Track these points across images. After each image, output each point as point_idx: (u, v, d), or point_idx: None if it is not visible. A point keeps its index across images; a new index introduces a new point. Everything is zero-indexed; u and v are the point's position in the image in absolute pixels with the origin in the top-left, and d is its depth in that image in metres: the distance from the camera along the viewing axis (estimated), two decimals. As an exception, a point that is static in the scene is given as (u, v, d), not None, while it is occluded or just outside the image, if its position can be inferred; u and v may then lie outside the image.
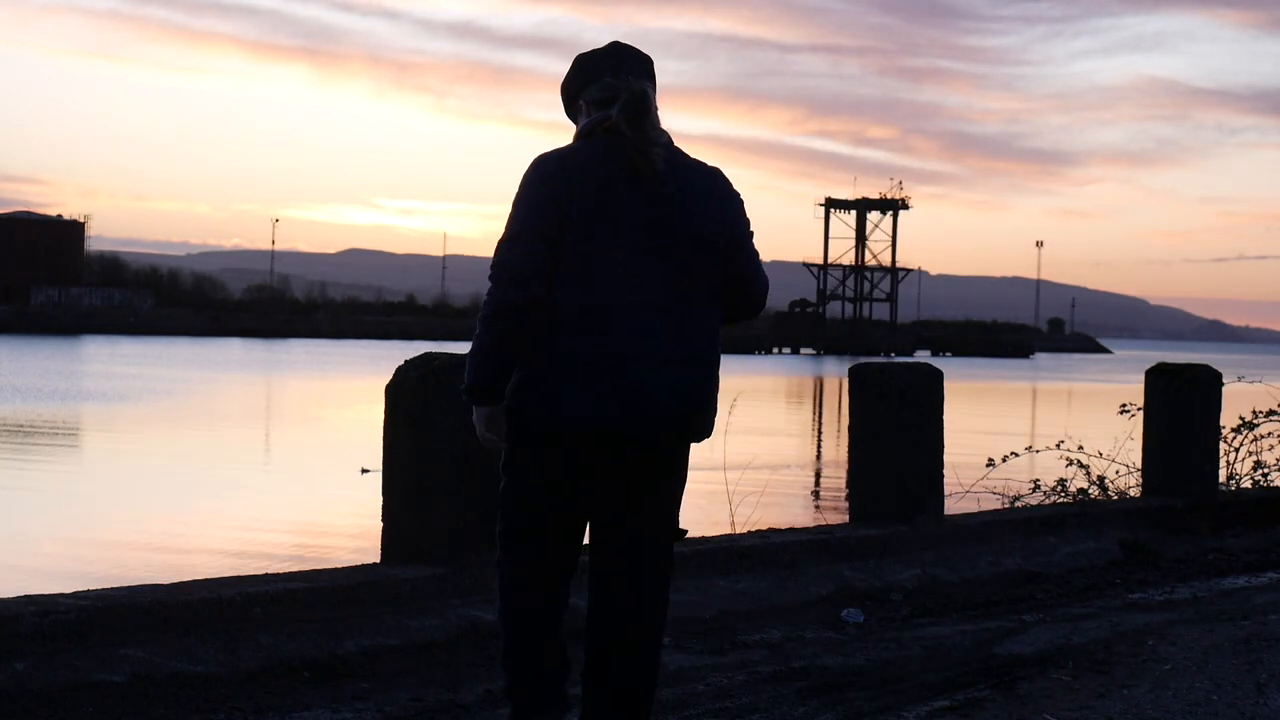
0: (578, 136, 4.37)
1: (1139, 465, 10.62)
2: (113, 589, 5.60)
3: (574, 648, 4.57)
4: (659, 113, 4.34)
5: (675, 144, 4.38)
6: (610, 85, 4.32)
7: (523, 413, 4.26)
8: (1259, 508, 10.56)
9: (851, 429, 8.40)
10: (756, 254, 4.51)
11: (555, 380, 4.21)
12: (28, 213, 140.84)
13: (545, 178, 4.24)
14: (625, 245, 4.22)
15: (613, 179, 4.23)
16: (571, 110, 4.48)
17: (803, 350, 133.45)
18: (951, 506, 8.80)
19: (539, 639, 4.41)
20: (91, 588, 5.62)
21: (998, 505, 10.18)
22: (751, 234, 4.50)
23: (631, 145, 4.23)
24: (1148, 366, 10.56)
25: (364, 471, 21.21)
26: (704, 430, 4.40)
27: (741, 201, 4.47)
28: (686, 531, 4.56)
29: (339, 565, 6.47)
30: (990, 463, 10.62)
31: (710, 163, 4.43)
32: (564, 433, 4.24)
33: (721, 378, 4.46)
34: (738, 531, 8.39)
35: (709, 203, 4.35)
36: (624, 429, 4.23)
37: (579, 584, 4.56)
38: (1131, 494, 10.62)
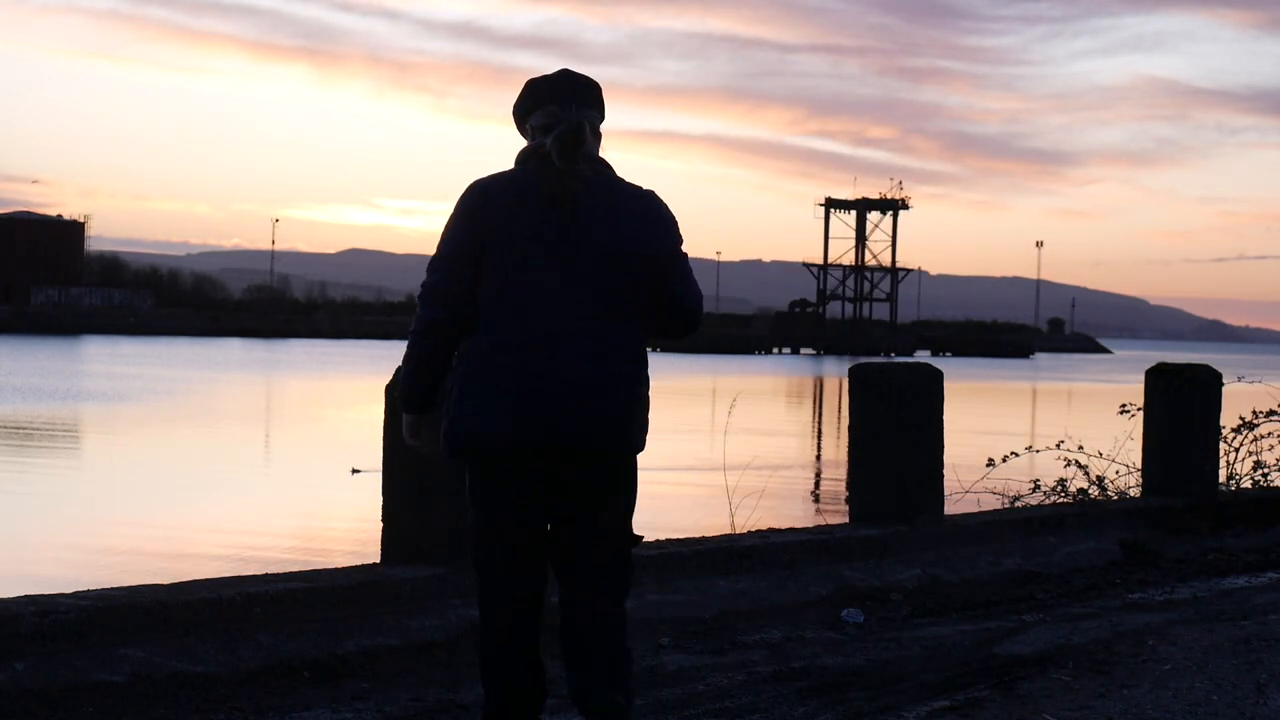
0: (517, 160, 4.56)
1: (1139, 465, 10.61)
2: (113, 589, 5.60)
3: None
4: (601, 141, 4.57)
5: (612, 168, 4.56)
6: (553, 113, 4.50)
7: (451, 430, 4.49)
8: (1259, 508, 10.56)
9: (851, 429, 8.40)
10: (688, 272, 4.64)
11: (477, 399, 4.42)
12: (28, 213, 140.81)
13: (469, 206, 4.48)
14: (542, 269, 4.42)
15: (534, 206, 4.43)
16: (521, 131, 4.65)
17: (803, 350, 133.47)
18: (951, 506, 8.80)
19: (506, 652, 4.54)
20: (91, 588, 5.62)
21: (998, 505, 10.18)
22: (683, 254, 4.63)
23: (555, 174, 4.41)
24: (1148, 366, 10.55)
25: (355, 472, 21.20)
26: (629, 444, 4.55)
27: (672, 223, 4.60)
28: (642, 538, 4.74)
29: (339, 565, 6.47)
30: (990, 463, 10.62)
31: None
32: (484, 449, 4.45)
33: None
34: (738, 531, 8.39)
35: (632, 225, 4.49)
36: (543, 447, 4.42)
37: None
38: (1131, 494, 10.61)
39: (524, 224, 4.43)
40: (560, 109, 4.50)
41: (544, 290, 4.42)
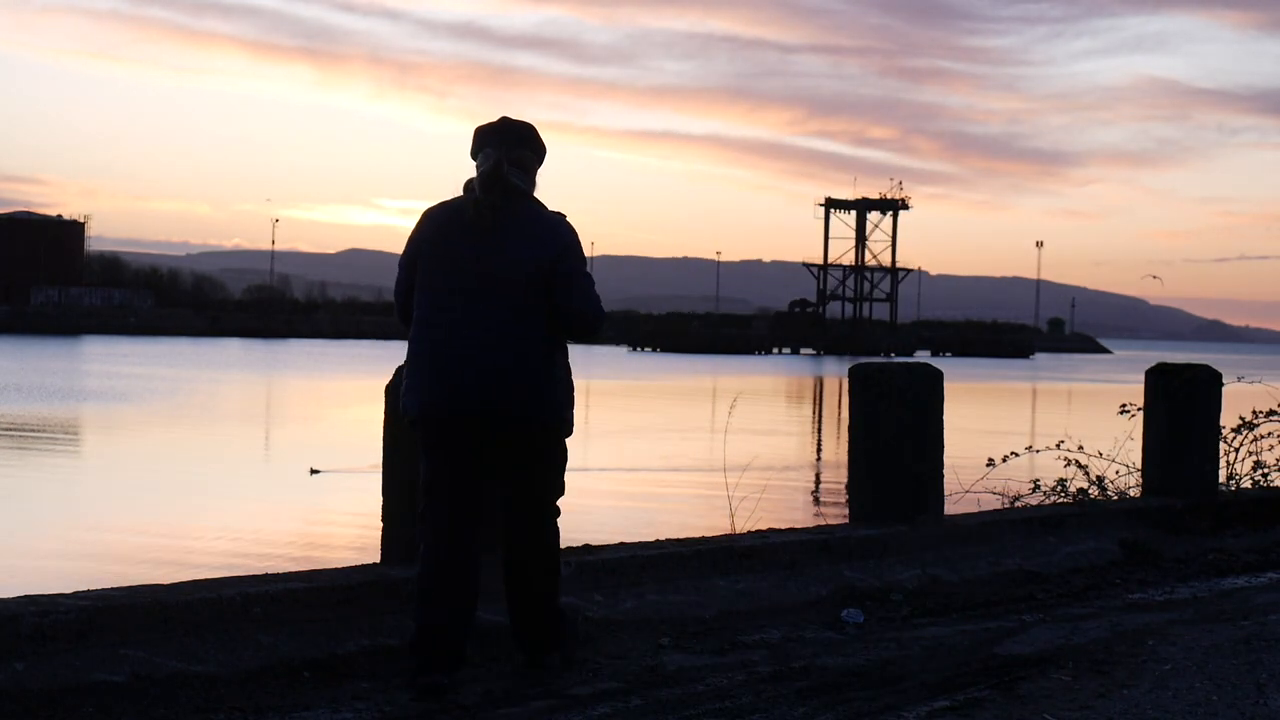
0: (464, 187, 5.71)
1: (1139, 465, 10.61)
2: (113, 589, 5.59)
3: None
4: (533, 173, 5.75)
5: (536, 200, 5.72)
6: (489, 155, 5.64)
7: (401, 402, 5.75)
8: (1259, 508, 10.56)
9: (851, 429, 8.40)
10: (584, 286, 5.65)
11: (411, 379, 5.68)
12: (28, 213, 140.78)
13: (415, 229, 5.77)
14: (455, 275, 5.59)
15: (454, 227, 5.64)
16: (474, 163, 5.73)
17: (803, 350, 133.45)
18: (951, 506, 8.80)
19: (437, 581, 5.57)
20: (91, 588, 5.62)
21: (998, 505, 10.18)
22: (581, 271, 5.65)
23: (474, 203, 5.60)
24: (1148, 366, 10.55)
25: (313, 472, 21.15)
26: (531, 420, 5.60)
27: (572, 245, 5.66)
28: (559, 511, 5.86)
29: (339, 565, 6.47)
30: (990, 463, 10.61)
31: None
32: (415, 418, 5.66)
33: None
34: (738, 531, 8.39)
35: (533, 245, 5.58)
36: (447, 415, 5.57)
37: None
38: (1131, 494, 10.61)
39: (448, 241, 5.63)
40: (494, 150, 5.63)
41: (457, 294, 5.57)
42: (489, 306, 5.55)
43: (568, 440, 5.85)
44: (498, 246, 5.57)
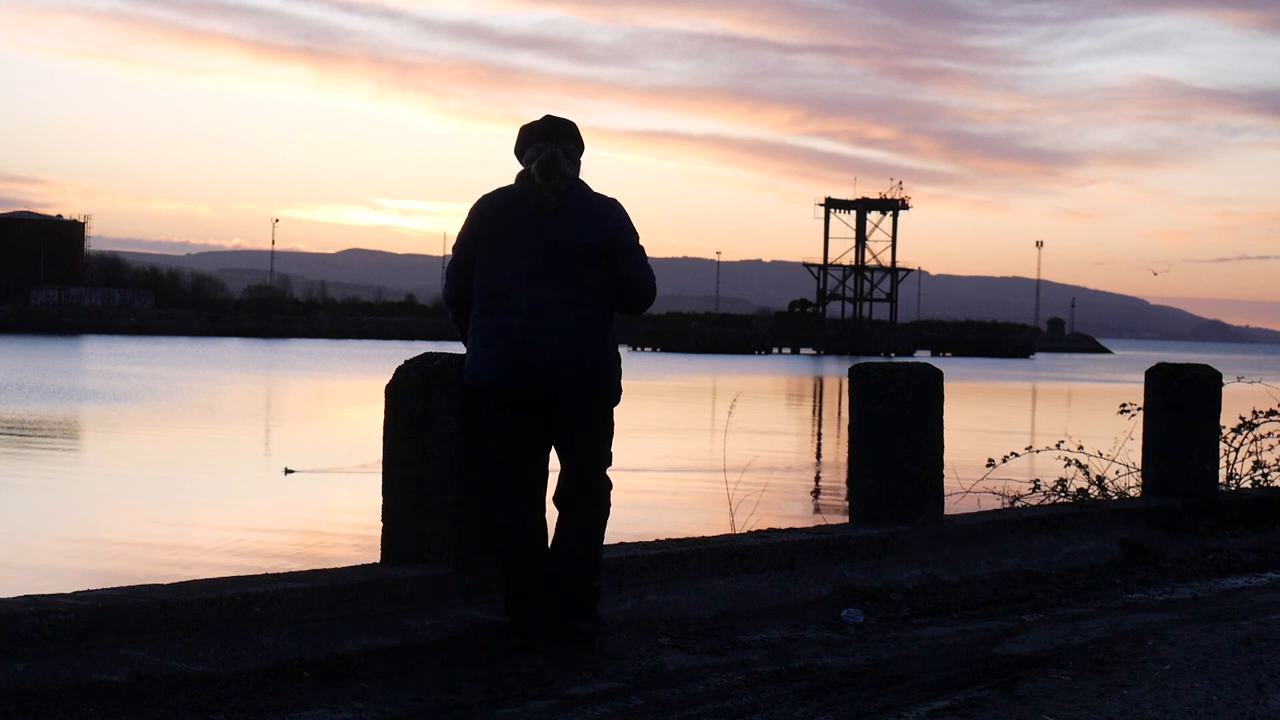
0: (516, 178, 6.23)
1: (1139, 465, 10.60)
2: (113, 589, 5.59)
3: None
4: (579, 165, 6.23)
5: (585, 184, 6.22)
6: (539, 148, 6.17)
7: (465, 376, 6.17)
8: (1259, 508, 10.56)
9: (851, 429, 8.39)
10: (641, 261, 6.21)
11: (475, 349, 6.14)
12: (28, 213, 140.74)
13: (471, 214, 6.23)
14: (521, 253, 6.07)
15: (516, 209, 6.13)
16: (520, 161, 6.26)
17: (803, 350, 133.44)
18: (951, 506, 8.79)
19: (510, 545, 6.13)
20: (91, 588, 5.61)
21: (998, 505, 10.17)
22: (637, 247, 6.20)
23: (535, 190, 6.11)
24: (1148, 366, 10.54)
25: (288, 472, 21.12)
26: (594, 392, 6.12)
27: (626, 223, 6.19)
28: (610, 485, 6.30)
29: (339, 565, 6.47)
30: (990, 463, 10.60)
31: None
32: (477, 389, 6.12)
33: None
34: (738, 531, 8.38)
35: (591, 225, 6.11)
36: (515, 385, 6.04)
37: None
38: (1131, 494, 10.60)
39: (514, 222, 6.11)
40: (543, 143, 6.16)
41: (523, 271, 6.05)
42: (556, 283, 6.03)
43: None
44: (562, 226, 6.08)
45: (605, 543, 6.51)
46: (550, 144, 6.15)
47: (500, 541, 6.14)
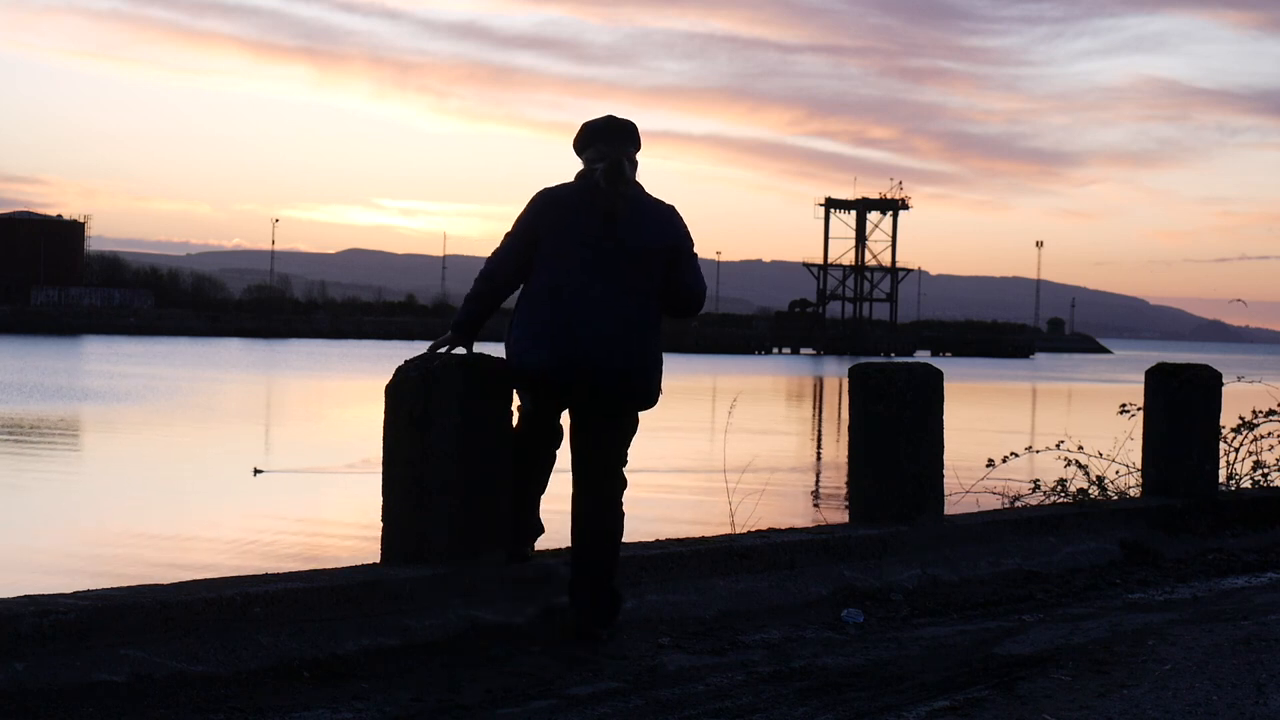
0: (577, 177, 6.34)
1: (1139, 465, 10.60)
2: (113, 589, 5.59)
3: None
4: (637, 167, 6.34)
5: (643, 188, 6.33)
6: (601, 150, 6.29)
7: (511, 359, 6.29)
8: (1259, 508, 10.56)
9: (851, 429, 8.39)
10: (696, 268, 6.43)
11: (529, 337, 6.24)
12: (28, 213, 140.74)
13: (534, 206, 6.30)
14: (589, 250, 6.19)
15: (580, 210, 6.22)
16: (580, 157, 6.40)
17: (803, 350, 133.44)
18: (951, 506, 8.79)
19: (526, 483, 6.49)
20: (91, 587, 5.61)
21: (998, 505, 10.17)
22: (693, 254, 6.42)
23: (604, 196, 6.22)
24: (1148, 366, 10.54)
25: (257, 472, 21.06)
26: (636, 393, 6.32)
27: (685, 230, 6.39)
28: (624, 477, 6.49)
29: (339, 565, 6.47)
30: (990, 463, 10.60)
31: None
32: (526, 375, 6.28)
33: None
34: (738, 531, 8.38)
35: (655, 231, 6.28)
36: (567, 376, 6.20)
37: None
38: (1131, 494, 10.60)
39: (573, 222, 6.21)
40: (607, 147, 6.28)
41: (591, 268, 6.18)
42: (619, 283, 6.20)
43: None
44: (630, 229, 6.23)
45: (616, 570, 6.46)
46: (613, 148, 6.28)
47: (520, 512, 6.47)
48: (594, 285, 6.17)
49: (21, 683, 4.92)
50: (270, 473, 21.11)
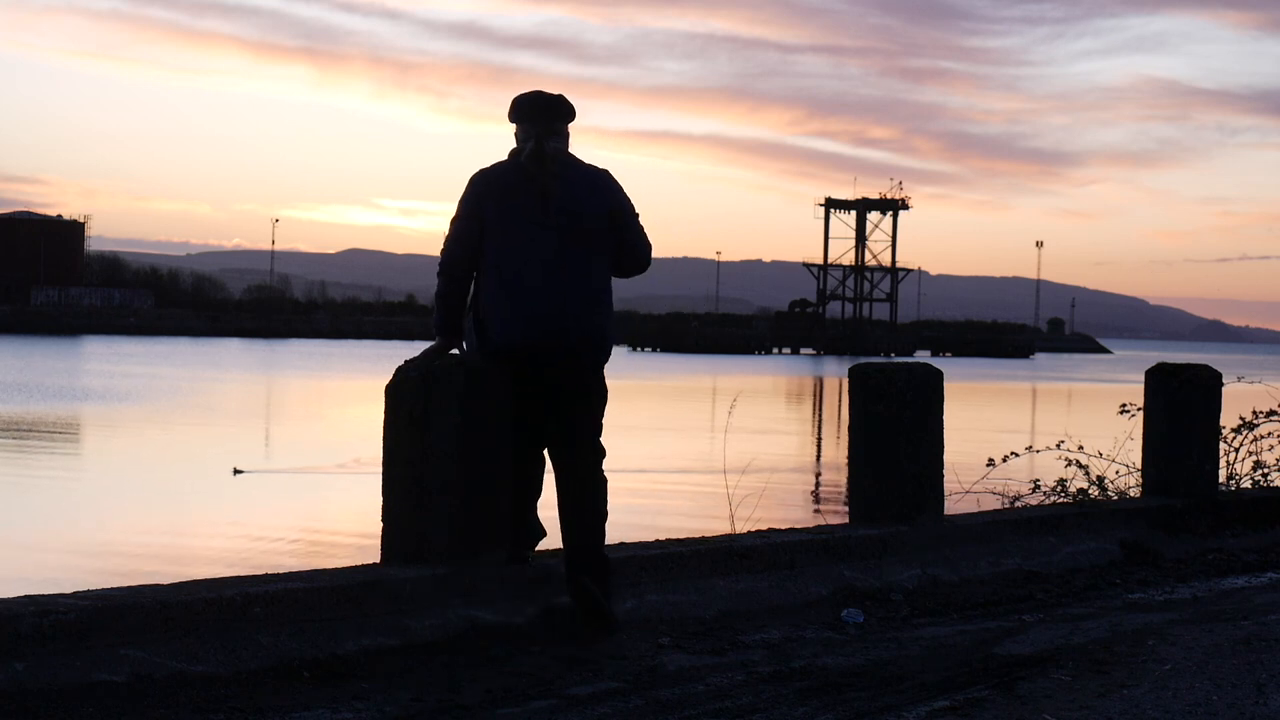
0: (510, 154, 6.51)
1: (1139, 465, 10.60)
2: (113, 589, 5.59)
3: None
4: (568, 137, 6.49)
5: (575, 158, 6.49)
6: (528, 130, 6.45)
7: (478, 338, 6.44)
8: (1259, 508, 10.55)
9: (851, 429, 8.39)
10: (638, 228, 6.58)
11: (491, 310, 6.39)
12: (28, 213, 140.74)
13: (475, 189, 6.46)
14: (532, 221, 6.36)
15: (519, 189, 6.40)
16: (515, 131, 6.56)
17: (803, 350, 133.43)
18: (951, 506, 8.79)
19: (520, 476, 6.51)
20: (91, 588, 5.61)
21: (998, 505, 10.16)
22: (635, 213, 6.56)
23: (535, 177, 6.39)
24: (1148, 366, 10.54)
25: (237, 472, 20.99)
26: (592, 351, 6.44)
27: (620, 192, 6.53)
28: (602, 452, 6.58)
29: (339, 565, 6.47)
30: (990, 463, 10.59)
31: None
32: (494, 350, 6.38)
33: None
34: (738, 531, 8.38)
35: (593, 198, 6.44)
36: (530, 343, 6.33)
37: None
38: (1131, 494, 10.60)
39: (524, 193, 6.38)
40: (532, 126, 6.44)
41: (538, 237, 6.35)
42: (571, 256, 6.37)
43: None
44: (569, 201, 6.39)
45: (605, 542, 6.53)
46: (537, 126, 6.42)
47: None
48: (544, 259, 6.34)
49: (21, 683, 4.92)
50: (251, 473, 21.02)
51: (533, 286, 6.34)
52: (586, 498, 6.47)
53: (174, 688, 5.17)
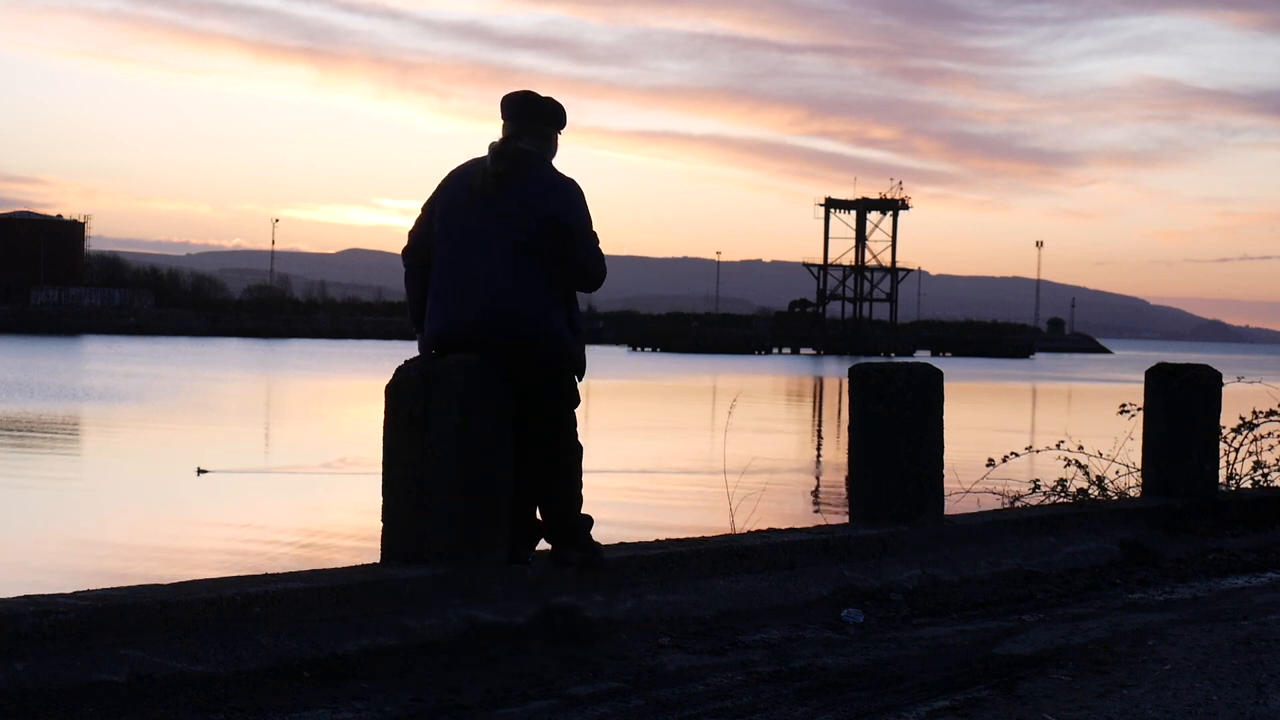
0: (488, 148, 6.51)
1: (1139, 465, 10.60)
2: (113, 589, 5.59)
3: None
4: (549, 140, 6.49)
5: (548, 164, 6.46)
6: (508, 129, 6.50)
7: (426, 333, 6.53)
8: (1259, 508, 10.56)
9: (851, 429, 8.39)
10: (592, 243, 6.46)
11: (429, 307, 6.49)
12: (28, 213, 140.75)
13: (438, 186, 6.58)
14: (466, 222, 6.39)
15: (468, 183, 6.45)
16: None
17: (803, 350, 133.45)
18: (951, 506, 8.79)
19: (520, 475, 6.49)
20: (91, 587, 5.61)
21: (998, 505, 10.17)
22: (589, 229, 6.44)
23: (481, 173, 6.43)
24: (1148, 366, 10.54)
25: (201, 472, 20.86)
26: (535, 345, 6.32)
27: (578, 202, 6.42)
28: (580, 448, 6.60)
29: (339, 565, 6.47)
30: (990, 463, 10.60)
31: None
32: (432, 339, 6.45)
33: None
34: (738, 531, 8.38)
35: (540, 199, 6.36)
36: (456, 337, 6.33)
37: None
38: (1131, 494, 10.60)
39: (465, 194, 6.44)
40: (514, 125, 6.49)
41: (468, 237, 6.38)
42: (494, 245, 6.33)
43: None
44: (506, 200, 6.36)
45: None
46: (520, 126, 6.47)
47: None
48: (473, 249, 6.36)
49: (21, 683, 4.92)
50: (215, 473, 20.86)
51: (452, 279, 6.39)
52: (543, 473, 6.51)
53: (174, 688, 5.17)
